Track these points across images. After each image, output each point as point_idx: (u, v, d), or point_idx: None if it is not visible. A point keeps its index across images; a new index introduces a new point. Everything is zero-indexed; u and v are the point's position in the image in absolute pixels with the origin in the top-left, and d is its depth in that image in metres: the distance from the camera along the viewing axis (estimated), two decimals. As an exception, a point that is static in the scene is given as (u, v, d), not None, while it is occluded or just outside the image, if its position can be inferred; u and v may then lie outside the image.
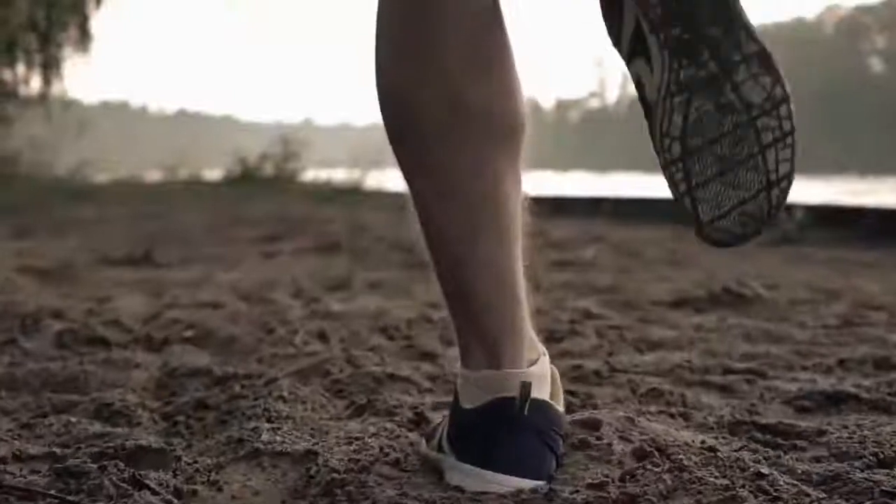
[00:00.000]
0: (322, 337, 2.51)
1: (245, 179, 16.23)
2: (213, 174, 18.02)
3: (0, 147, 15.64)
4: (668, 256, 5.64)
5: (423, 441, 1.63)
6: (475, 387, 1.50)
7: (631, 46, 1.48)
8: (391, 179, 14.22)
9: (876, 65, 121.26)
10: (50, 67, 19.47)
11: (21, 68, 19.37)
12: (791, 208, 7.53)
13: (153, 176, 18.72)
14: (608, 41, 1.53)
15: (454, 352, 1.67)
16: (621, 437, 1.53)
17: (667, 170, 1.45)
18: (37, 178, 14.47)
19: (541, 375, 1.52)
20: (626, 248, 6.16)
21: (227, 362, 2.20)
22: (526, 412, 1.46)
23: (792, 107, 1.43)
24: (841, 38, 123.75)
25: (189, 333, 2.57)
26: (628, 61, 1.49)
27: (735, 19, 1.42)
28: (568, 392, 1.86)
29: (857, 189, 20.27)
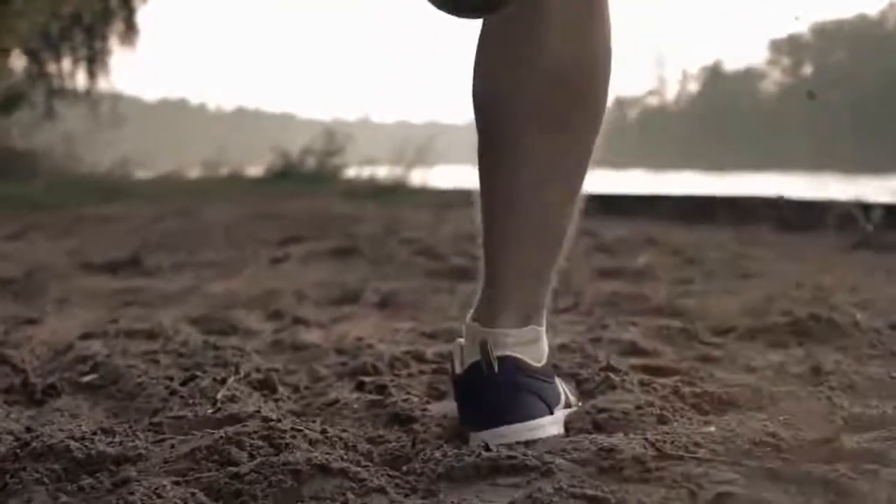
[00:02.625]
0: (264, 387, 1.83)
1: (286, 175, 15.63)
2: (256, 170, 17.51)
3: (39, 142, 15.11)
4: (733, 264, 4.91)
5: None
6: (463, 352, 1.59)
7: None
8: (436, 176, 13.70)
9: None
10: (95, 62, 19.10)
11: (67, 62, 19.05)
12: (868, 208, 6.87)
13: (195, 172, 18.25)
14: None
15: (438, 407, 1.66)
16: None
17: None
18: (69, 174, 13.93)
19: (524, 340, 1.59)
20: (684, 253, 5.43)
21: (107, 431, 1.53)
22: (496, 370, 1.55)
23: None
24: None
25: (88, 378, 1.89)
26: None
27: None
28: (591, 501, 1.19)
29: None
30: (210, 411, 1.62)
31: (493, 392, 1.54)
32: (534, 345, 1.62)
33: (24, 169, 12.14)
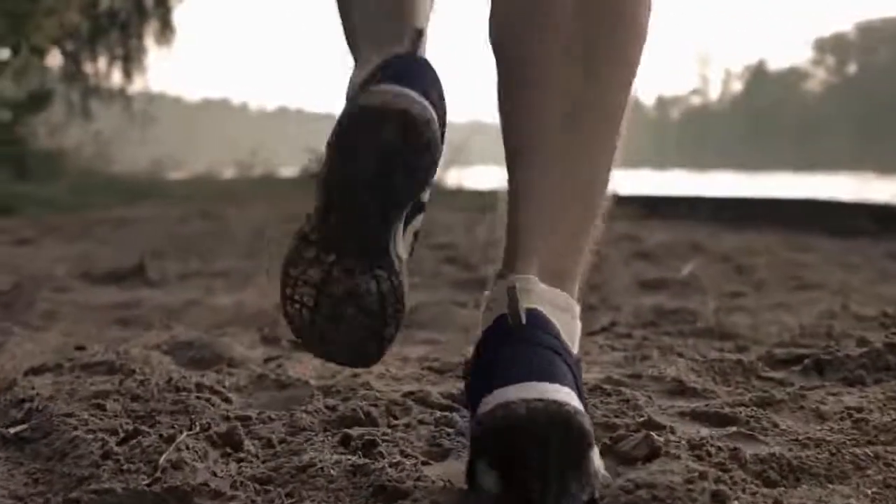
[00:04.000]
0: (226, 442, 1.48)
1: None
2: (291, 171, 17.25)
3: (70, 141, 14.87)
4: (786, 273, 4.54)
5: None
6: (489, 308, 1.40)
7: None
8: (473, 177, 13.35)
9: None
10: (131, 61, 18.94)
11: (103, 62, 18.88)
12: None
13: (229, 173, 18.02)
14: None
15: (437, 471, 1.37)
16: None
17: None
18: (98, 175, 13.66)
19: (559, 303, 1.38)
20: (732, 260, 5.07)
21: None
22: (524, 321, 1.32)
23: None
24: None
25: (17, 430, 1.55)
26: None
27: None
28: None
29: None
30: (145, 482, 1.28)
31: (516, 347, 1.30)
32: (568, 319, 1.41)
33: (50, 169, 11.88)
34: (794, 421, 1.68)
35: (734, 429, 1.59)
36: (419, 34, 1.43)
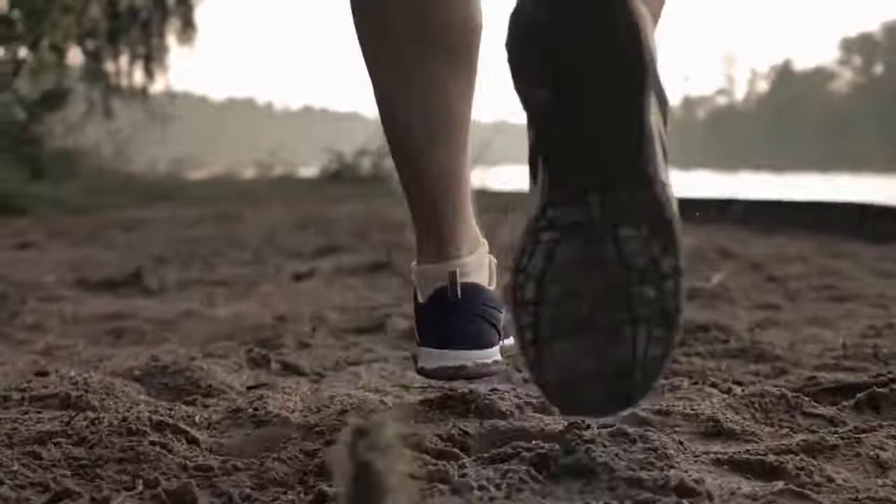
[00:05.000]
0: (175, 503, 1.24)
1: (340, 176, 15.11)
2: (311, 171, 17.08)
3: (89, 141, 14.69)
4: (820, 282, 4.27)
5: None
6: (425, 279, 1.73)
7: (531, 158, 1.31)
8: (496, 177, 13.09)
9: None
10: (152, 59, 18.80)
11: (124, 60, 18.73)
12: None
13: (249, 173, 17.87)
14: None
15: None
16: None
17: (515, 310, 1.28)
18: (116, 175, 13.48)
19: (478, 261, 1.74)
20: (763, 268, 4.80)
21: None
22: (459, 296, 1.68)
23: (682, 286, 1.27)
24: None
25: None
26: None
27: (642, 163, 1.22)
28: None
29: None
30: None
31: (455, 317, 1.69)
32: (483, 268, 1.76)
33: (66, 169, 11.68)
34: (851, 472, 1.43)
35: (781, 484, 1.35)
36: None
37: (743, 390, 1.87)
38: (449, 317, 1.69)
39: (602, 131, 1.22)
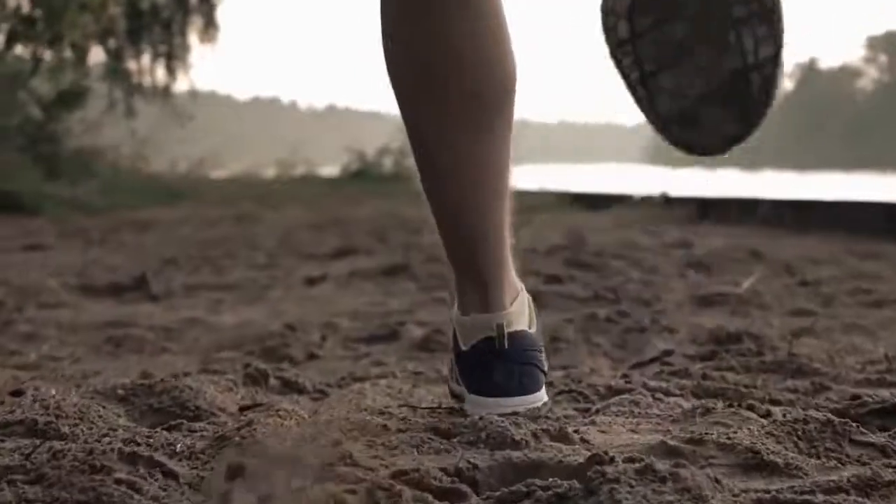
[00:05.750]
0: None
1: (361, 175, 14.96)
2: (333, 170, 16.94)
3: (109, 140, 14.57)
4: (855, 286, 4.08)
5: (448, 377, 1.88)
6: (469, 328, 1.72)
7: None
8: (518, 176, 12.94)
9: None
10: (174, 58, 18.68)
11: (146, 59, 18.62)
12: None
13: (271, 172, 17.74)
14: None
15: None
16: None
17: (615, 56, 1.31)
18: (135, 175, 13.35)
19: (520, 311, 1.74)
20: (795, 271, 4.62)
21: None
22: (507, 346, 1.69)
23: None
24: None
25: None
26: None
27: None
28: None
29: None
30: None
31: (503, 365, 1.69)
32: (524, 314, 1.75)
33: (84, 169, 11.55)
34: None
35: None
36: None
37: (784, 415, 1.69)
38: (497, 366, 1.70)
39: None
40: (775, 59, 1.25)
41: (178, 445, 1.53)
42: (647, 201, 9.17)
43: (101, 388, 1.89)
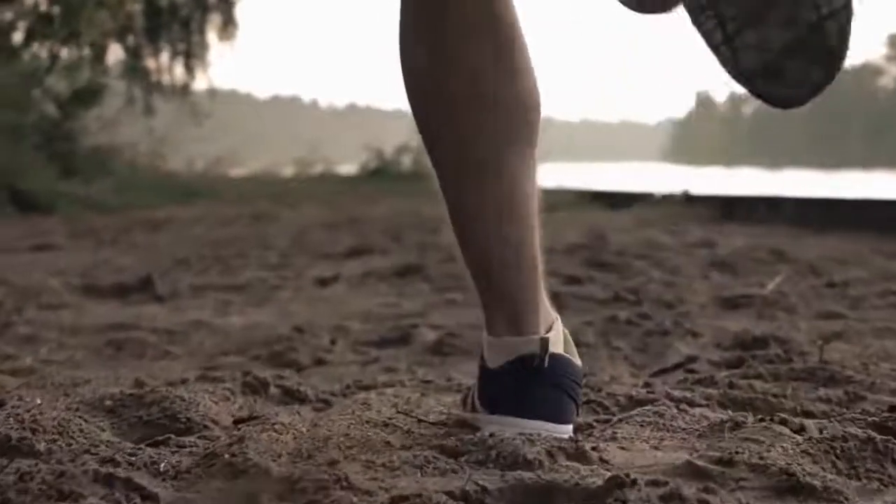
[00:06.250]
0: None
1: (379, 173, 14.84)
2: (351, 168, 16.83)
3: (126, 138, 14.48)
4: (884, 288, 3.95)
5: (461, 405, 1.78)
6: (500, 349, 1.62)
7: None
8: (547, 176, 12.79)
9: None
10: (192, 56, 18.61)
11: (165, 57, 18.55)
12: None
13: (290, 170, 17.65)
14: None
15: None
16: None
17: (696, 20, 1.36)
18: (151, 172, 13.25)
19: (555, 334, 1.64)
20: (820, 271, 4.48)
21: None
22: (546, 365, 1.59)
23: None
24: None
25: None
26: None
27: None
28: None
29: None
30: None
31: (538, 385, 1.60)
32: (559, 344, 1.65)
33: (100, 167, 11.46)
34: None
35: None
36: None
37: (821, 431, 1.56)
38: (532, 385, 1.60)
39: None
40: (847, 7, 1.32)
41: (163, 464, 1.41)
42: (668, 200, 9.04)
43: (89, 398, 1.77)
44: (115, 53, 16.06)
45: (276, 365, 2.60)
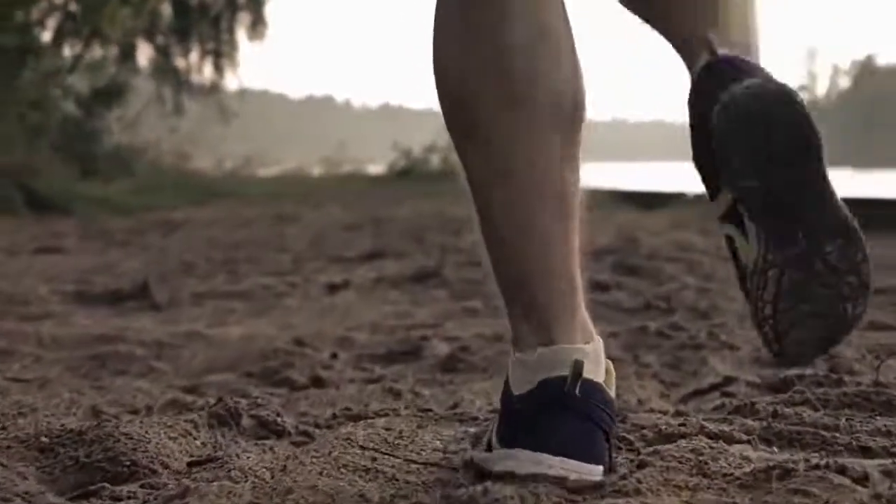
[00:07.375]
0: None
1: (407, 173, 14.63)
2: (379, 168, 16.67)
3: (150, 137, 14.32)
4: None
5: (470, 448, 1.57)
6: (527, 369, 1.43)
7: (724, 214, 1.51)
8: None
9: None
10: (222, 55, 18.52)
11: (194, 56, 18.45)
12: None
13: (318, 170, 17.52)
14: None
15: None
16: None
17: (759, 324, 1.47)
18: (174, 173, 13.08)
19: (595, 356, 1.45)
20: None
21: None
22: (577, 392, 1.39)
23: (871, 268, 1.49)
24: None
25: None
26: (720, 222, 1.53)
27: (828, 200, 1.46)
28: None
29: None
30: None
31: (566, 416, 1.38)
32: (600, 366, 1.46)
33: (122, 167, 11.28)
34: None
35: None
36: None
37: (891, 486, 1.28)
38: (559, 414, 1.38)
39: (801, 198, 1.45)
40: (860, 317, 1.47)
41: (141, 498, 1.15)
42: (702, 200, 8.76)
43: (23, 435, 1.52)
44: (145, 53, 15.95)
45: (268, 383, 2.38)
